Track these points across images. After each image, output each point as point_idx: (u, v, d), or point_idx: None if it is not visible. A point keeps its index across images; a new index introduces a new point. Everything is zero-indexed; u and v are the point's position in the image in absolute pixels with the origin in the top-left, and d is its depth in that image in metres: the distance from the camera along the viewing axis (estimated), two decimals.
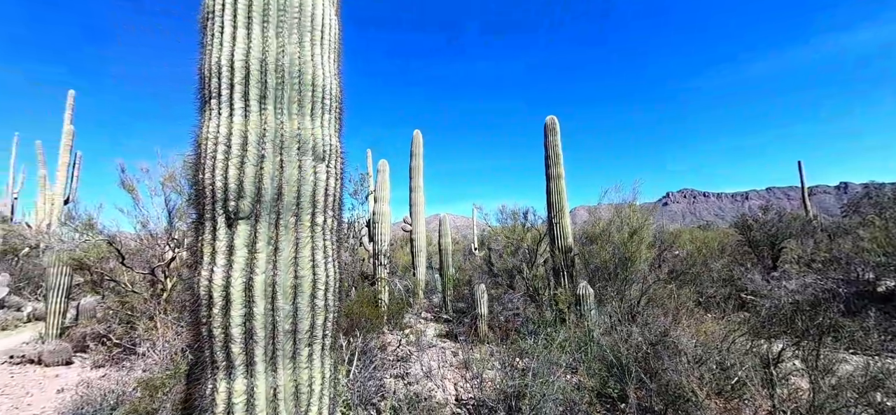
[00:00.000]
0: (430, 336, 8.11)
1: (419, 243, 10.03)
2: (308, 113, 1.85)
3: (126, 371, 5.41)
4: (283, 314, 1.63)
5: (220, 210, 1.65)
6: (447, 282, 9.60)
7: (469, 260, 15.58)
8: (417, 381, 5.95)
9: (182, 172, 6.69)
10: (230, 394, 1.56)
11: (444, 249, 10.27)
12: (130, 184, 6.19)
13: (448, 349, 7.47)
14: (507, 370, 4.57)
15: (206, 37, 1.89)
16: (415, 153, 10.38)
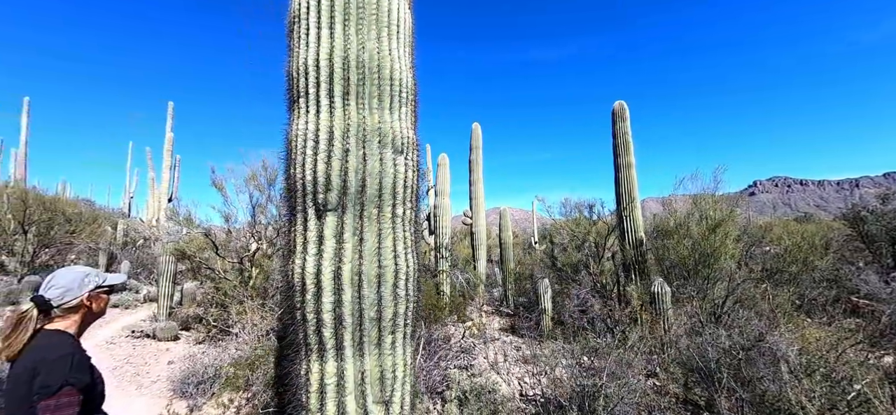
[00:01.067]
0: (491, 330, 8.09)
1: (479, 237, 10.00)
2: (387, 107, 1.89)
3: (222, 349, 6.06)
4: (368, 302, 1.69)
5: (310, 202, 1.75)
6: (508, 276, 9.48)
7: (529, 254, 15.26)
8: (481, 373, 5.95)
9: (261, 171, 7.32)
10: (322, 375, 1.66)
11: (505, 242, 10.15)
12: (220, 183, 6.90)
13: (511, 343, 7.39)
14: (577, 369, 4.40)
15: (292, 40, 2.01)
16: (474, 146, 10.34)
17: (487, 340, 7.37)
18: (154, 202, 11.29)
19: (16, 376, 1.31)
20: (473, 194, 10.28)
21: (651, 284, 6.42)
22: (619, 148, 7.69)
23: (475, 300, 8.83)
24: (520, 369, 5.89)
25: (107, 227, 10.09)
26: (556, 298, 7.92)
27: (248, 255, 7.06)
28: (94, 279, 1.56)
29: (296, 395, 1.75)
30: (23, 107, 14.81)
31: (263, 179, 6.91)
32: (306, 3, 1.94)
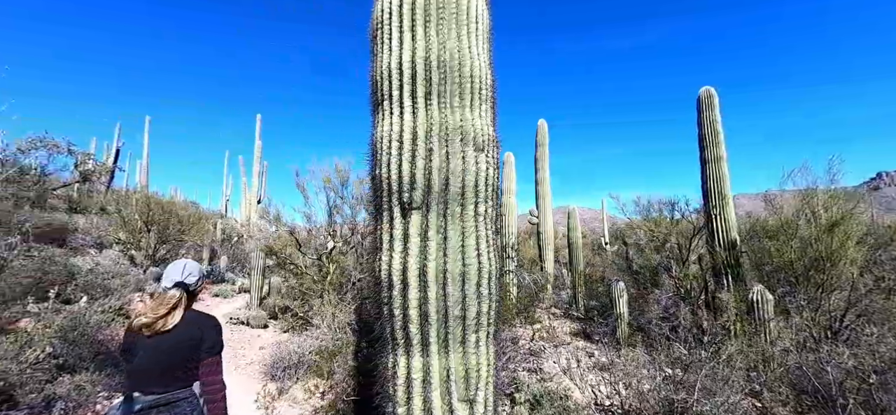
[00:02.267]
0: (561, 334, 7.79)
1: (546, 237, 9.70)
2: (468, 104, 1.89)
3: (304, 338, 6.57)
4: (453, 300, 1.70)
5: (396, 201, 1.81)
6: (578, 278, 9.06)
7: (599, 255, 14.46)
8: (552, 377, 5.75)
9: (335, 174, 7.81)
10: (409, 370, 1.70)
11: (574, 243, 9.71)
12: (302, 185, 7.50)
13: (583, 349, 7.05)
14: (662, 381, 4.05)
15: (376, 46, 2.09)
16: (539, 143, 10.05)
17: (557, 344, 7.11)
18: (246, 204, 12.75)
19: (178, 342, 1.74)
20: (539, 193, 9.99)
21: (748, 290, 5.70)
22: (707, 139, 6.95)
23: (542, 302, 8.57)
24: (594, 377, 5.59)
25: (209, 226, 11.54)
26: (633, 302, 7.39)
27: (326, 252, 7.59)
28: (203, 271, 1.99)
29: (383, 386, 1.81)
30: (145, 125, 17.57)
31: (337, 181, 7.37)
32: (388, 10, 2.01)
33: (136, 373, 1.72)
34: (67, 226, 9.55)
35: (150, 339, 1.73)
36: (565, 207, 11.77)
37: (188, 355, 1.79)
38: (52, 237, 8.81)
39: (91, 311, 5.91)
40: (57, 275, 5.54)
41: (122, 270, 8.09)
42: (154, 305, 1.75)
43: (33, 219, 8.59)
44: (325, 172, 7.27)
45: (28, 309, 5.17)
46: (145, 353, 1.75)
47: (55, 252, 7.93)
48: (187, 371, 1.81)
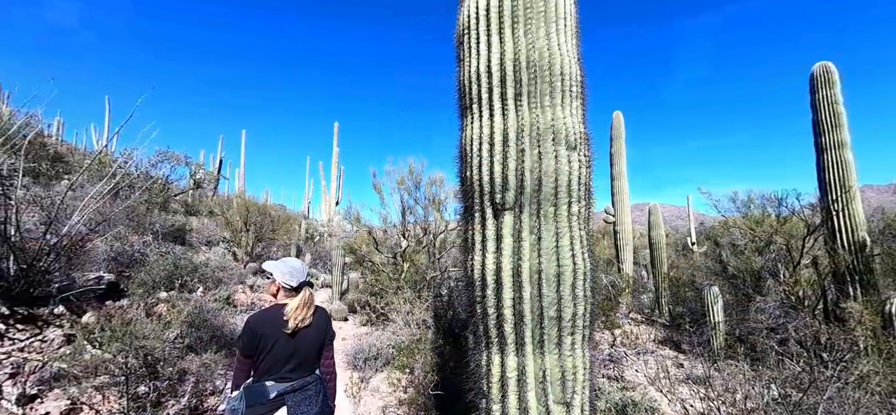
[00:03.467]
0: (643, 340, 7.27)
1: (624, 236, 9.11)
2: (559, 103, 1.86)
3: (382, 332, 6.93)
4: (548, 301, 1.69)
5: (488, 202, 1.84)
6: (661, 281, 8.38)
7: (685, 256, 13.22)
8: (634, 387, 5.40)
9: (408, 176, 8.11)
10: (504, 368, 1.72)
11: (656, 242, 9.00)
12: (378, 186, 7.92)
13: (670, 358, 6.52)
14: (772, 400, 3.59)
15: (462, 51, 2.14)
16: (615, 137, 9.47)
17: (640, 351, 6.65)
18: (326, 205, 13.84)
19: (315, 335, 2.07)
20: (616, 190, 9.42)
21: (884, 300, 4.82)
22: (824, 123, 6.00)
23: (621, 307, 8.07)
24: (687, 390, 5.13)
25: (295, 226, 12.72)
26: (729, 310, 6.64)
27: (400, 251, 7.93)
28: None
29: (476, 382, 1.85)
30: (241, 137, 19.94)
31: (411, 183, 7.66)
32: (475, 15, 2.05)
33: (273, 362, 1.94)
34: (185, 226, 11.14)
35: (297, 331, 1.99)
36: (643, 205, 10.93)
37: (320, 346, 2.09)
38: (174, 236, 10.33)
39: (206, 299, 6.82)
40: (183, 268, 6.49)
41: (227, 264, 9.24)
42: (298, 304, 2.00)
43: (160, 221, 10.14)
44: (400, 174, 7.60)
45: (160, 297, 6.13)
46: (284, 345, 1.97)
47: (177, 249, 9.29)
48: (316, 360, 2.10)
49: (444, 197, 7.72)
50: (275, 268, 2.13)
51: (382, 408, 4.14)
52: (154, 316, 4.93)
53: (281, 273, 2.09)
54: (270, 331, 1.96)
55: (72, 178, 8.37)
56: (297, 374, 1.98)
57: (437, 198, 7.81)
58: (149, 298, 5.41)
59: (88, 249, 5.84)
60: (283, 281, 2.07)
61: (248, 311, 8.15)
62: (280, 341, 1.96)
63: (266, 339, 1.95)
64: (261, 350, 1.95)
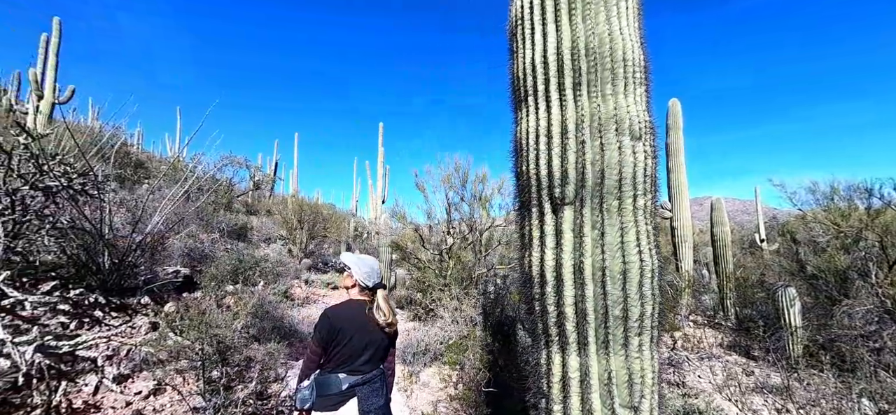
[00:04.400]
0: (707, 344, 6.77)
1: (683, 232, 8.53)
2: (621, 91, 1.76)
3: (429, 327, 7.02)
4: (613, 299, 1.61)
5: (546, 197, 1.78)
6: (726, 281, 7.75)
7: (752, 254, 12.14)
8: (698, 394, 5.04)
9: (454, 173, 8.13)
10: (565, 367, 1.67)
11: (720, 239, 8.34)
12: (422, 185, 8.03)
13: (737, 364, 6.03)
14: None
15: (515, 43, 2.09)
16: (672, 126, 8.88)
17: (703, 356, 6.21)
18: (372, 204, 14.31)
19: (394, 331, 2.21)
20: (673, 183, 8.83)
21: None
22: None
23: (680, 307, 7.56)
24: (757, 400, 4.71)
25: (344, 224, 13.25)
26: (809, 314, 6.00)
27: (446, 248, 7.99)
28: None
29: (536, 382, 1.81)
30: (294, 140, 21.11)
31: (457, 180, 7.68)
32: (529, 3, 1.99)
33: (349, 355, 2.04)
34: (246, 225, 11.97)
35: (375, 329, 2.10)
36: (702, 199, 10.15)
37: (389, 343, 2.20)
38: (237, 234, 11.13)
39: (266, 293, 7.26)
40: (246, 264, 6.97)
41: (284, 260, 9.80)
42: (387, 307, 2.13)
43: (225, 220, 10.95)
44: (445, 172, 7.65)
45: (227, 290, 6.63)
46: (360, 339, 2.07)
47: (240, 245, 10.00)
48: (385, 356, 2.20)
49: (489, 193, 7.66)
50: (353, 264, 2.20)
51: (434, 403, 4.20)
52: (223, 307, 5.34)
53: (359, 271, 2.16)
54: (348, 325, 2.06)
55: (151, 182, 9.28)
56: (368, 367, 2.07)
57: (482, 194, 7.77)
58: (218, 290, 5.87)
59: (167, 246, 6.45)
60: (361, 280, 2.16)
61: (303, 304, 8.60)
62: (356, 336, 2.05)
63: (344, 332, 2.04)
64: (337, 343, 2.04)
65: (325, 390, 2.03)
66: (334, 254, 13.29)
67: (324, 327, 2.09)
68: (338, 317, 2.09)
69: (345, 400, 2.02)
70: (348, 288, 2.20)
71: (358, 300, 2.18)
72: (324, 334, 2.08)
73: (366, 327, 2.10)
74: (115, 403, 3.46)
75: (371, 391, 2.07)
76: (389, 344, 2.24)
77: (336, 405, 2.01)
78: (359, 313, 2.12)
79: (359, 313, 2.13)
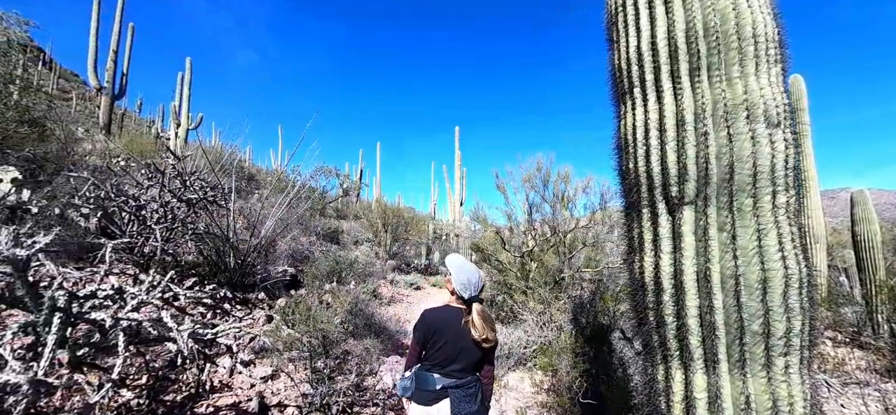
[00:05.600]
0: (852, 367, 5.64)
1: (813, 232, 7.22)
2: (752, 71, 1.53)
3: (512, 330, 6.91)
4: (750, 313, 1.40)
5: (660, 196, 1.62)
6: (878, 291, 6.36)
7: None
8: None
9: (535, 173, 7.90)
10: (689, 386, 1.49)
11: (865, 240, 6.90)
12: (502, 186, 7.93)
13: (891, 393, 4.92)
14: None
15: (615, 32, 1.95)
16: (797, 108, 7.57)
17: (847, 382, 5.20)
18: (451, 206, 14.63)
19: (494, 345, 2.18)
20: None
21: None
22: None
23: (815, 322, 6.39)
24: None
25: (424, 226, 13.73)
26: None
27: (527, 250, 7.79)
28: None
29: (650, 399, 1.66)
30: (376, 148, 22.49)
31: (538, 180, 7.45)
32: None
33: (442, 358, 2.10)
34: (338, 229, 13.03)
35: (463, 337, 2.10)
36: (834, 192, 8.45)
37: (484, 353, 2.17)
38: (330, 237, 12.16)
39: (358, 291, 7.79)
40: (341, 264, 7.57)
41: (371, 261, 10.45)
42: (482, 323, 2.12)
43: (321, 225, 12.03)
44: (526, 172, 7.47)
45: (325, 288, 7.25)
46: (453, 345, 2.11)
47: (333, 247, 10.90)
48: (480, 364, 2.19)
49: (573, 193, 7.29)
50: (454, 271, 2.23)
51: (522, 408, 4.11)
52: (324, 304, 5.86)
53: (457, 280, 2.20)
54: (443, 328, 2.11)
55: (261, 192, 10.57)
56: (461, 374, 2.11)
57: (565, 194, 7.42)
58: (319, 288, 6.45)
59: (276, 248, 7.30)
60: (457, 290, 2.19)
61: (389, 303, 9.07)
62: (450, 341, 2.09)
63: (439, 334, 2.10)
64: (432, 343, 2.12)
65: (422, 385, 2.12)
66: (415, 255, 13.81)
67: (421, 327, 2.19)
68: (434, 319, 2.15)
69: (439, 399, 2.09)
70: (451, 293, 2.24)
71: (456, 307, 2.20)
72: (420, 334, 2.18)
73: (461, 335, 2.11)
74: (242, 384, 4.00)
75: (464, 396, 2.09)
76: (485, 355, 2.20)
77: (430, 402, 2.09)
78: (455, 320, 2.15)
79: (455, 319, 2.15)
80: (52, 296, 1.94)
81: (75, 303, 2.08)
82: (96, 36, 12.26)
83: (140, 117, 25.06)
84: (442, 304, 2.29)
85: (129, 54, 13.04)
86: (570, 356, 3.68)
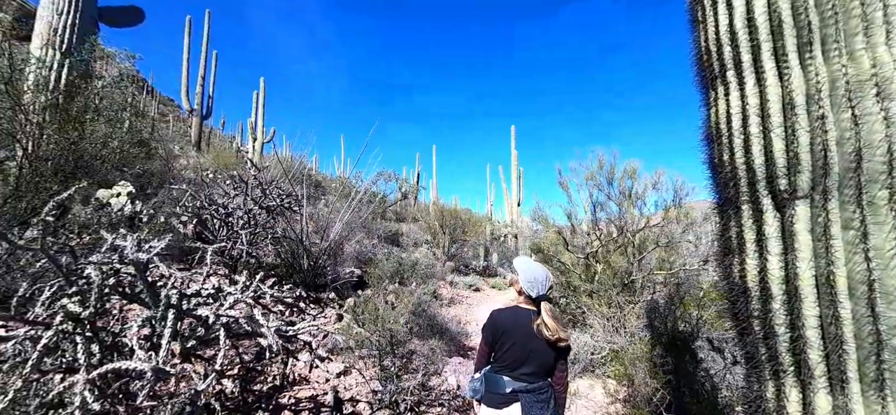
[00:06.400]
0: None
1: None
2: (882, 41, 1.30)
3: (577, 334, 6.61)
4: (889, 325, 1.18)
5: (764, 190, 1.44)
6: None
7: None
8: None
9: (598, 169, 7.51)
10: (809, 408, 1.30)
11: None
12: (565, 183, 7.65)
13: None
14: None
15: (701, 10, 1.78)
16: None
17: None
18: (508, 207, 14.45)
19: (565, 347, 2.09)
20: None
21: None
22: None
23: None
24: None
25: (481, 228, 13.69)
26: None
27: (592, 251, 7.43)
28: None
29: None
30: (432, 151, 22.90)
31: (602, 177, 7.07)
32: None
33: (510, 360, 2.06)
34: (397, 231, 13.44)
35: (540, 343, 2.05)
36: None
37: (555, 356, 2.08)
38: (390, 239, 12.58)
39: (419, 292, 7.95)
40: (404, 266, 7.79)
41: (431, 262, 10.63)
42: (551, 321, 2.05)
43: (381, 227, 12.49)
44: (588, 169, 7.13)
45: (389, 288, 7.49)
46: (521, 347, 2.07)
47: (394, 249, 11.25)
48: (550, 369, 2.10)
49: (641, 190, 6.80)
50: (521, 270, 2.19)
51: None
52: (388, 304, 6.07)
53: (524, 279, 2.15)
54: (510, 329, 2.07)
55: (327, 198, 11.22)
56: (532, 378, 2.04)
57: (632, 191, 6.95)
58: (384, 289, 6.70)
59: (343, 251, 7.71)
60: (524, 288, 2.14)
61: (449, 304, 9.16)
62: (517, 343, 2.04)
63: (507, 335, 2.07)
64: (500, 344, 2.09)
65: (492, 388, 2.09)
66: (473, 257, 13.81)
67: (489, 327, 2.16)
68: (501, 320, 2.12)
69: (509, 403, 2.03)
70: (519, 293, 2.20)
71: (525, 308, 2.15)
72: (488, 334, 2.16)
73: (530, 336, 2.04)
74: (318, 378, 4.27)
75: (535, 402, 2.02)
76: (557, 358, 2.10)
77: (500, 405, 2.05)
78: (523, 321, 2.09)
79: (523, 320, 2.09)
80: (167, 294, 2.21)
81: (184, 301, 2.36)
82: (187, 65, 13.91)
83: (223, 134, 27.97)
84: (509, 304, 2.26)
85: (213, 79, 14.60)
86: (648, 365, 3.42)
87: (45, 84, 5.11)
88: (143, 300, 2.48)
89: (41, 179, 3.92)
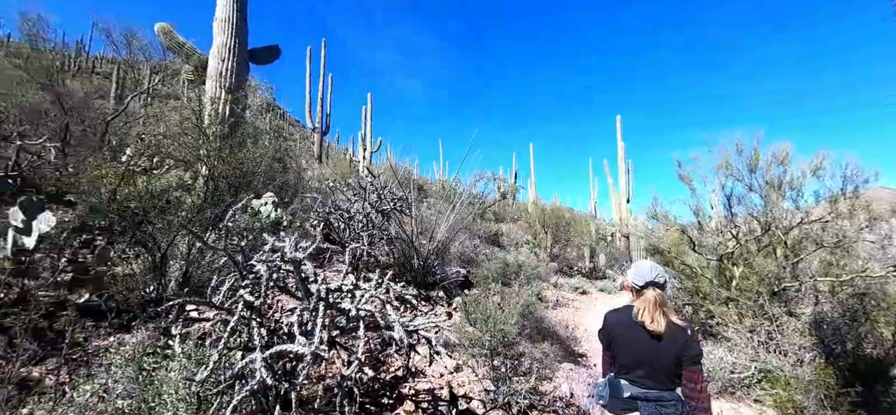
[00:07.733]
0: None
1: None
2: None
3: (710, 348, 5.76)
4: None
5: None
6: None
7: None
8: None
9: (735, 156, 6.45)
10: None
11: None
12: (687, 176, 6.76)
13: None
14: None
15: None
16: None
17: None
18: (615, 204, 13.33)
19: (672, 343, 1.84)
20: None
21: None
22: None
23: None
24: None
25: (585, 227, 12.88)
26: None
27: (726, 252, 6.40)
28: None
29: None
30: (530, 149, 22.42)
31: (740, 165, 6.05)
32: None
33: (624, 362, 1.99)
34: (498, 232, 13.46)
35: (645, 336, 1.93)
36: None
37: (674, 361, 1.86)
38: (491, 240, 12.67)
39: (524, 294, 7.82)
40: (509, 267, 7.78)
41: (534, 263, 10.40)
42: (643, 306, 1.92)
43: (481, 228, 12.64)
44: (720, 157, 6.18)
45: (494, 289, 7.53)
46: (630, 347, 1.96)
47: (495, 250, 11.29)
48: (671, 376, 1.88)
49: (796, 178, 5.63)
50: (630, 269, 2.14)
51: None
52: (495, 306, 6.11)
53: (632, 275, 2.09)
54: (620, 330, 2.01)
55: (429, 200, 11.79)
56: (650, 383, 1.88)
57: (782, 180, 5.79)
58: (489, 290, 6.77)
59: (449, 251, 8.01)
60: (632, 281, 2.06)
61: (555, 307, 8.84)
62: (626, 343, 1.96)
63: (617, 337, 2.01)
64: (613, 346, 2.04)
65: (614, 393, 1.99)
66: (577, 258, 13.10)
67: (602, 329, 2.13)
68: (611, 320, 2.07)
69: (629, 410, 1.91)
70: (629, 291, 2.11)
71: (632, 304, 2.03)
72: (602, 337, 2.13)
73: (636, 336, 1.90)
74: (434, 372, 4.50)
75: (658, 413, 1.82)
76: (675, 363, 1.83)
77: (621, 411, 1.94)
78: (626, 317, 1.98)
79: (626, 316, 1.98)
80: (318, 289, 2.57)
81: (331, 295, 2.71)
82: (309, 88, 16.01)
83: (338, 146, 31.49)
84: (623, 305, 2.14)
85: (330, 99, 16.54)
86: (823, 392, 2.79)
87: (220, 118, 6.39)
88: (294, 293, 2.91)
89: (219, 193, 4.91)
